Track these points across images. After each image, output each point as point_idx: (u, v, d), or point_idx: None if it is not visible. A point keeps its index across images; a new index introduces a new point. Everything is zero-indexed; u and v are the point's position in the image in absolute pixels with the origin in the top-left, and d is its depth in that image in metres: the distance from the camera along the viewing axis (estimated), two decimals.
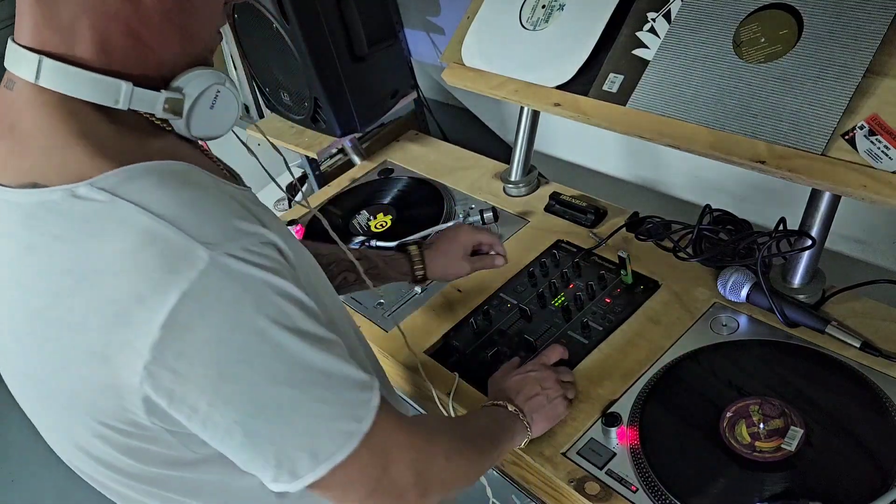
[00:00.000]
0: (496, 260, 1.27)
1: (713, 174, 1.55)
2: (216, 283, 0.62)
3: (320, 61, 1.60)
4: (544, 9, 1.35)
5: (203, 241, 0.62)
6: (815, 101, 0.99)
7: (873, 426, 0.94)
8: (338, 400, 0.70)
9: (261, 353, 0.65)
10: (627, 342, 1.16)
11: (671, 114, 1.12)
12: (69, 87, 0.67)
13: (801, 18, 1.02)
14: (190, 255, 0.62)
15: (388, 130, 1.98)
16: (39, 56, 0.66)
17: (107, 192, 0.63)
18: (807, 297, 1.12)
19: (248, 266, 0.64)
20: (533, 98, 1.32)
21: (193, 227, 0.63)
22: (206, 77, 0.73)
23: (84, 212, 0.63)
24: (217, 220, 0.65)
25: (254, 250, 0.65)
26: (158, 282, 0.61)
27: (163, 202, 0.63)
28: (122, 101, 0.69)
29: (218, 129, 0.77)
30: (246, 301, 0.64)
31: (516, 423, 1.00)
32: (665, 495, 0.92)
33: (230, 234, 0.64)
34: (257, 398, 0.66)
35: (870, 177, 0.93)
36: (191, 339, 0.62)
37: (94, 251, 0.63)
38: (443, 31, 1.84)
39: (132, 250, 0.62)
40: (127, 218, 0.63)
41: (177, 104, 0.72)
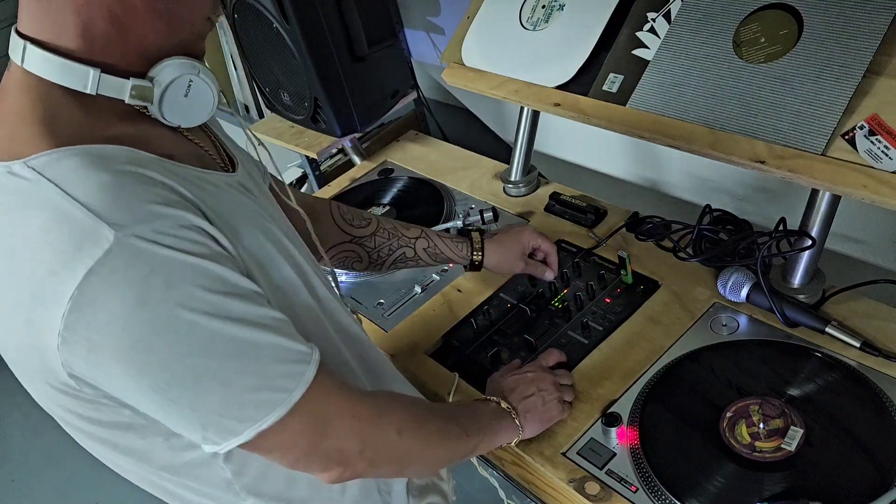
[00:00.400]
0: (546, 273, 1.28)
1: (713, 174, 1.55)
2: (122, 262, 0.65)
3: (320, 61, 1.60)
4: (544, 9, 1.35)
5: (110, 221, 0.65)
6: (815, 101, 0.99)
7: (873, 426, 0.94)
8: (263, 371, 0.72)
9: (172, 327, 0.67)
10: (627, 342, 1.16)
11: (671, 114, 1.12)
12: (45, 72, 0.72)
13: (801, 18, 1.02)
14: (95, 235, 0.65)
15: (388, 130, 1.98)
16: (25, 42, 0.72)
17: (35, 171, 0.68)
18: (807, 297, 1.12)
19: (157, 247, 0.66)
20: (533, 98, 1.32)
21: (103, 208, 0.66)
22: (178, 66, 0.76)
23: (14, 188, 0.68)
24: (129, 202, 0.67)
25: (168, 232, 0.67)
26: (67, 259, 0.65)
27: (80, 184, 0.67)
28: (90, 87, 0.72)
29: (195, 116, 0.80)
30: (154, 281, 0.66)
31: (505, 419, 1.00)
32: (665, 495, 0.92)
33: (140, 217, 0.67)
34: (172, 368, 0.69)
35: (870, 177, 0.93)
36: (99, 311, 0.65)
37: (17, 226, 0.68)
38: (443, 31, 1.84)
39: (46, 228, 0.66)
40: (45, 197, 0.67)
41: (145, 91, 0.75)
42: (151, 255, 0.66)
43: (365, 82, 1.69)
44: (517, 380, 1.06)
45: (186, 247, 0.68)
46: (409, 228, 1.22)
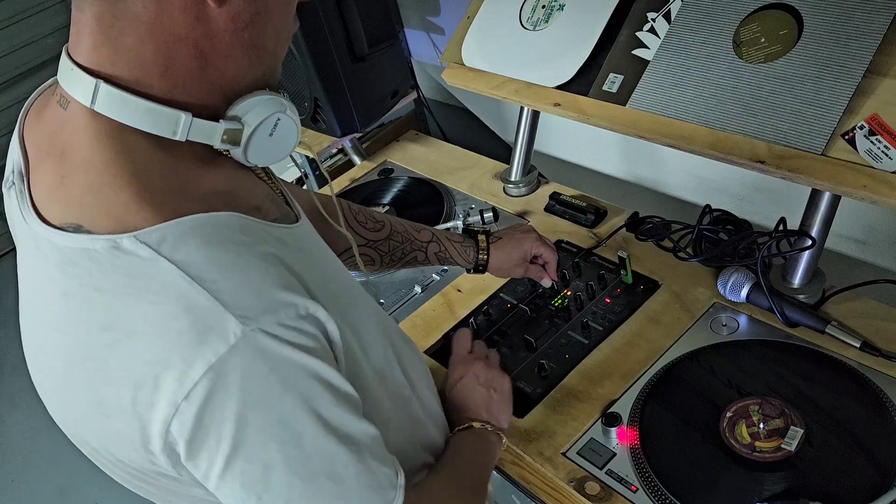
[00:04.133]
0: (544, 280, 1.27)
1: (713, 174, 1.55)
2: (245, 360, 0.61)
3: (320, 61, 1.60)
4: (544, 9, 1.35)
5: (238, 313, 0.60)
6: (815, 101, 0.99)
7: (873, 426, 0.94)
8: (356, 498, 0.68)
9: (279, 438, 0.63)
10: (627, 342, 1.16)
11: (671, 114, 1.13)
12: (126, 116, 0.64)
13: (801, 18, 1.02)
14: (221, 328, 0.60)
15: (388, 130, 1.98)
16: (97, 80, 0.63)
17: (150, 249, 0.61)
18: (807, 297, 1.12)
19: (280, 345, 0.62)
20: (533, 98, 1.32)
21: (230, 295, 0.61)
22: (266, 105, 0.70)
23: (126, 267, 0.61)
24: (256, 288, 0.63)
25: (290, 325, 0.63)
26: (187, 352, 0.60)
27: (204, 265, 0.61)
28: (180, 133, 0.66)
29: (276, 155, 0.73)
30: (273, 380, 0.62)
31: (490, 436, 0.99)
32: (665, 495, 0.92)
33: (267, 306, 0.62)
34: (267, 483, 0.64)
35: (870, 177, 0.93)
36: (210, 412, 0.61)
37: (132, 310, 0.62)
38: (443, 31, 1.84)
39: (168, 315, 0.61)
40: (167, 280, 0.61)
41: (235, 134, 0.69)
42: (273, 353, 0.61)
43: (365, 82, 1.69)
44: (460, 391, 1.04)
45: (304, 343, 0.63)
46: (419, 231, 1.20)
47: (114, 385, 0.63)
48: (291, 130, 0.72)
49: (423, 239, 1.19)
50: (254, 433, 0.62)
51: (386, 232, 1.17)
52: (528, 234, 1.26)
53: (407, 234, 1.19)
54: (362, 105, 1.71)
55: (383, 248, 1.16)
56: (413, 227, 1.20)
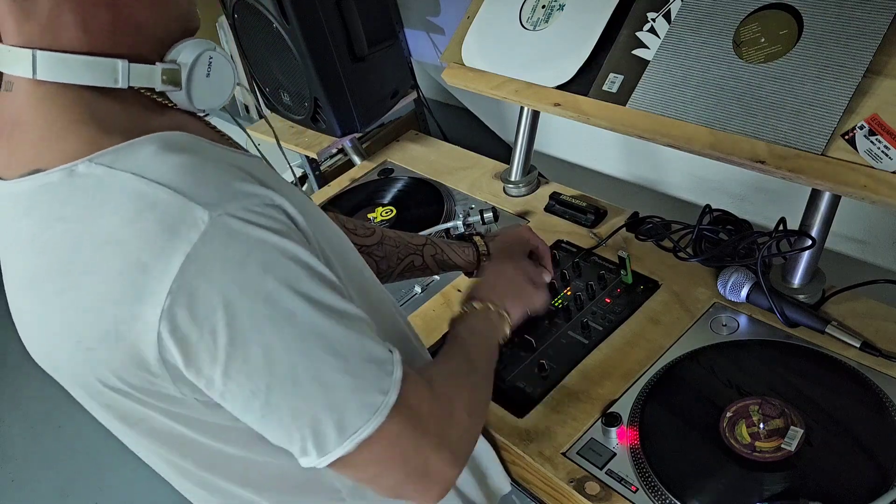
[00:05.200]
0: (545, 275, 1.25)
1: (713, 174, 1.55)
2: (219, 243, 0.61)
3: (320, 61, 1.60)
4: (544, 9, 1.35)
5: (202, 202, 0.61)
6: (815, 101, 0.99)
7: (873, 426, 0.94)
8: (359, 371, 0.68)
9: (271, 318, 0.63)
10: (627, 342, 1.16)
11: (671, 114, 1.13)
12: (67, 75, 0.66)
13: (801, 18, 1.02)
14: (189, 217, 0.61)
15: (388, 130, 1.98)
16: (32, 50, 0.66)
17: (104, 167, 0.63)
18: (807, 297, 1.12)
19: (251, 227, 0.62)
20: (533, 98, 1.32)
21: (191, 188, 0.62)
22: (195, 45, 0.73)
23: (83, 187, 0.63)
24: (216, 181, 0.64)
25: (256, 210, 0.63)
26: (161, 247, 0.60)
27: (160, 169, 0.63)
28: (120, 80, 0.68)
29: (218, 97, 0.76)
30: (252, 262, 0.62)
31: (491, 314, 0.98)
32: (665, 495, 0.92)
33: (230, 195, 0.63)
34: (271, 368, 0.64)
35: (870, 177, 0.93)
36: (198, 305, 0.61)
37: (95, 225, 0.62)
38: (443, 31, 1.84)
39: (131, 218, 0.61)
40: (124, 187, 0.62)
41: (174, 74, 0.71)
42: (246, 235, 0.62)
43: (365, 82, 1.69)
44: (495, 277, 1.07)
45: (276, 226, 0.64)
46: (413, 237, 1.20)
47: (93, 311, 0.64)
48: (226, 68, 0.75)
49: (418, 243, 1.19)
50: (246, 317, 0.62)
51: (377, 237, 1.16)
52: (523, 229, 1.27)
53: (400, 238, 1.18)
54: (362, 105, 1.71)
55: (378, 253, 1.15)
56: (406, 234, 1.20)
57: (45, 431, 2.73)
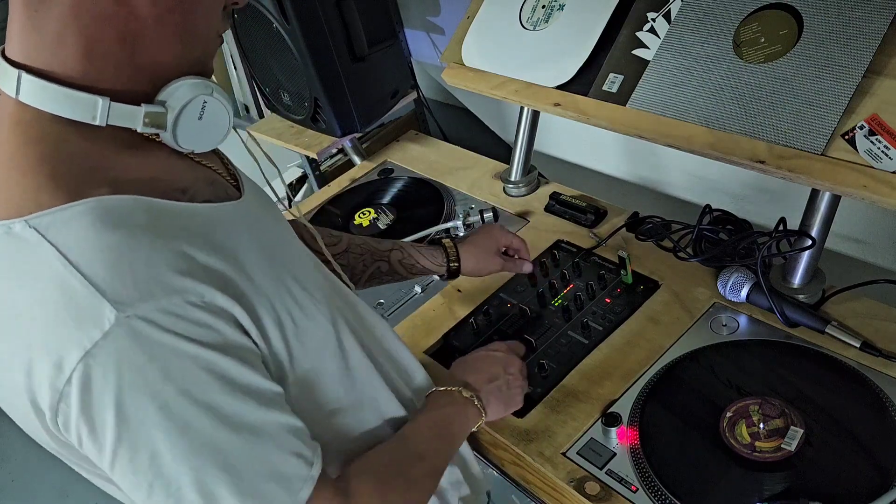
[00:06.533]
0: (523, 266, 1.27)
1: (713, 174, 1.55)
2: (121, 345, 0.60)
3: (320, 61, 1.60)
4: (544, 9, 1.35)
5: (112, 299, 0.60)
6: (815, 101, 0.99)
7: (873, 426, 0.94)
8: (253, 490, 0.66)
9: (163, 426, 0.62)
10: (627, 342, 1.16)
11: (671, 114, 1.12)
12: (45, 104, 0.65)
13: (801, 18, 1.02)
14: (96, 314, 0.60)
15: (388, 130, 1.98)
16: (19, 71, 0.65)
17: (37, 233, 0.61)
18: (807, 297, 1.12)
19: (160, 332, 0.61)
20: (533, 98, 1.32)
21: (106, 281, 0.60)
22: (190, 88, 0.70)
23: (12, 251, 0.62)
24: (137, 274, 0.61)
25: (174, 312, 0.61)
26: (64, 337, 0.60)
27: (84, 250, 0.61)
28: (98, 118, 0.66)
29: (209, 140, 0.73)
30: (152, 369, 0.61)
31: (468, 409, 0.96)
32: (665, 495, 0.92)
33: (148, 292, 0.61)
34: (157, 471, 0.63)
35: (870, 177, 0.93)
36: (91, 400, 0.61)
37: (15, 294, 0.63)
38: (443, 31, 1.84)
39: (42, 300, 0.61)
40: (45, 264, 0.61)
41: (159, 118, 0.68)
42: (152, 341, 0.60)
43: (365, 82, 1.69)
44: (484, 358, 1.04)
45: (191, 332, 0.62)
46: (381, 242, 1.18)
47: (7, 370, 0.64)
48: (221, 113, 0.72)
49: (385, 248, 1.18)
50: (135, 421, 0.61)
51: (344, 245, 1.15)
52: (493, 227, 1.28)
53: (366, 244, 1.17)
54: (362, 105, 1.71)
55: (343, 261, 1.13)
56: (374, 240, 1.19)
57: None
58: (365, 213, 1.62)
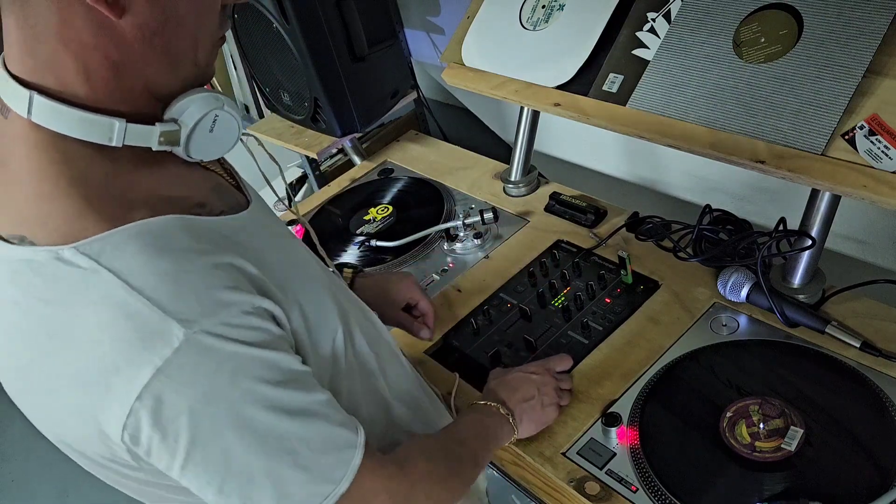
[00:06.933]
0: (422, 331, 1.21)
1: (713, 174, 1.55)
2: (191, 361, 0.63)
3: (320, 61, 1.60)
4: (544, 9, 1.35)
5: (179, 317, 0.63)
6: (815, 101, 0.99)
7: (873, 426, 0.94)
8: (312, 464, 0.70)
9: (233, 425, 0.66)
10: (627, 342, 1.16)
11: (671, 114, 1.12)
12: (61, 126, 0.66)
13: (801, 18, 1.02)
14: (165, 333, 0.62)
15: (388, 130, 1.98)
16: (31, 92, 0.65)
17: (90, 259, 0.63)
18: (807, 297, 1.12)
19: (223, 342, 0.64)
20: (533, 98, 1.32)
21: (170, 302, 0.63)
22: (201, 103, 0.71)
23: (68, 278, 0.63)
24: (195, 292, 0.64)
25: (233, 323, 0.65)
26: (133, 357, 0.62)
27: (142, 274, 0.63)
28: (115, 139, 0.67)
29: (219, 150, 0.75)
30: (220, 378, 0.64)
31: (504, 425, 1.00)
32: (665, 495, 0.92)
33: (208, 309, 0.64)
34: (228, 466, 0.67)
35: (870, 177, 0.93)
36: (164, 411, 0.63)
37: (75, 320, 0.64)
38: (443, 31, 1.84)
39: (109, 323, 0.63)
40: (107, 289, 0.63)
41: (173, 135, 0.70)
42: (217, 351, 0.64)
43: (365, 82, 1.69)
44: (520, 379, 1.05)
45: (249, 337, 0.66)
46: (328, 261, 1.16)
47: (64, 392, 0.66)
48: (231, 125, 0.74)
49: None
50: (208, 423, 0.65)
51: None
52: (404, 278, 1.23)
53: None
54: (362, 105, 1.71)
55: None
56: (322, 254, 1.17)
57: None
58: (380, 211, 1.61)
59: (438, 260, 1.45)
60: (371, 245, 1.50)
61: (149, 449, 0.65)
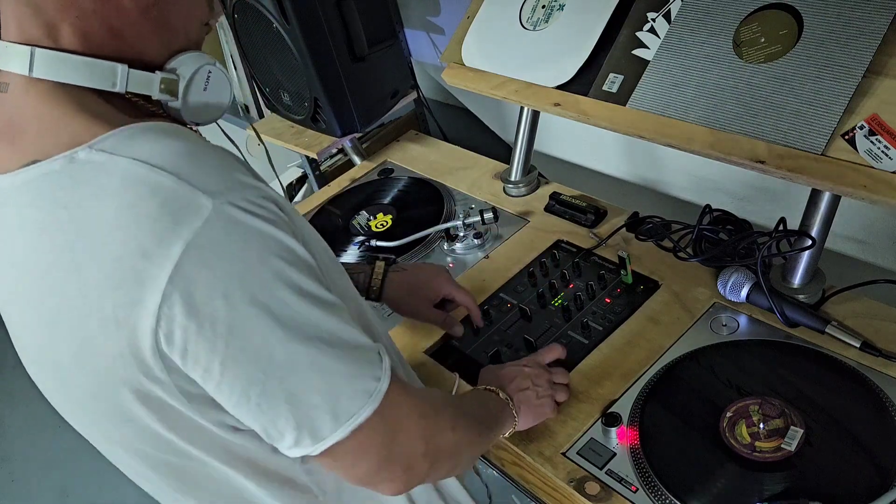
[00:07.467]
0: (455, 328, 1.20)
1: (713, 174, 1.55)
2: (221, 232, 0.62)
3: (320, 61, 1.60)
4: (544, 9, 1.35)
5: (205, 189, 0.62)
6: (815, 101, 0.99)
7: (873, 426, 0.94)
8: (352, 359, 0.69)
9: (269, 307, 0.64)
10: (627, 342, 1.16)
11: (671, 114, 1.13)
12: (64, 74, 0.67)
13: (801, 18, 1.02)
14: (193, 204, 0.61)
15: (388, 130, 1.98)
16: (31, 48, 0.66)
17: (105, 153, 0.63)
18: (807, 297, 1.12)
19: (251, 217, 0.63)
20: (533, 98, 1.32)
21: (194, 176, 0.62)
22: (196, 58, 0.74)
23: (84, 175, 0.63)
24: (218, 170, 0.64)
25: (256, 202, 0.64)
26: (162, 234, 0.61)
27: (162, 154, 0.63)
28: (118, 84, 0.69)
29: (213, 111, 0.77)
30: (251, 253, 0.63)
31: (505, 410, 0.98)
32: (665, 495, 0.92)
33: (232, 185, 0.64)
34: (270, 355, 0.64)
35: (870, 177, 0.93)
36: (198, 293, 0.61)
37: (96, 211, 0.62)
38: (443, 31, 1.84)
39: (133, 203, 0.61)
40: (126, 173, 0.62)
41: (172, 84, 0.72)
42: (246, 225, 0.63)
43: (365, 82, 1.69)
44: (514, 371, 1.05)
45: (272, 218, 0.65)
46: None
47: (94, 297, 0.63)
48: (223, 84, 0.76)
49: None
50: (245, 307, 0.63)
51: None
52: (439, 272, 1.20)
53: None
54: (362, 105, 1.71)
55: None
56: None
57: (45, 431, 2.73)
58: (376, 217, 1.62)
59: (438, 260, 1.45)
60: (371, 245, 1.50)
61: (184, 348, 0.62)
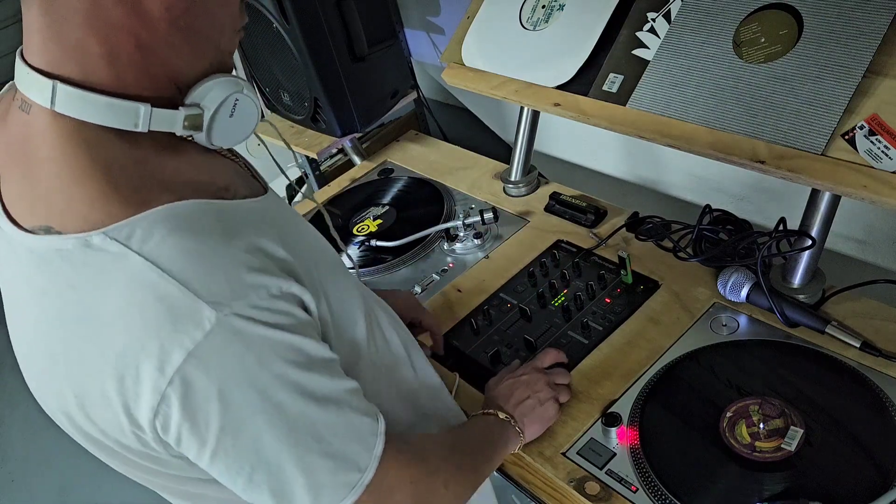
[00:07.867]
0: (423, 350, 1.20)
1: (713, 174, 1.55)
2: (221, 343, 0.63)
3: (320, 61, 1.60)
4: (544, 9, 1.35)
5: (210, 300, 0.63)
6: (815, 101, 0.99)
7: (873, 426, 0.94)
8: (340, 452, 0.71)
9: (263, 409, 0.66)
10: (627, 342, 1.16)
11: (671, 114, 1.12)
12: (86, 114, 0.65)
13: (801, 18, 1.02)
14: (196, 316, 0.62)
15: (388, 130, 1.98)
16: (53, 81, 0.65)
17: (119, 244, 0.63)
18: (807, 297, 1.12)
19: (253, 325, 0.64)
20: (533, 98, 1.32)
21: (201, 284, 0.63)
22: (222, 87, 0.71)
23: (97, 263, 0.63)
24: (225, 273, 0.65)
25: (261, 306, 0.65)
26: (165, 340, 0.62)
27: (172, 256, 0.63)
28: (141, 124, 0.67)
29: (239, 136, 0.75)
30: (250, 358, 0.64)
31: (508, 429, 1.00)
32: (665, 495, 0.92)
33: (239, 290, 0.64)
34: (258, 452, 0.67)
35: (870, 177, 0.93)
36: (194, 396, 0.63)
37: (105, 303, 0.63)
38: (443, 31, 1.84)
39: (140, 304, 0.62)
40: (137, 273, 0.63)
41: (196, 119, 0.70)
42: (247, 335, 0.64)
43: (365, 82, 1.69)
44: (511, 385, 1.06)
45: (277, 320, 0.66)
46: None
47: (95, 377, 0.65)
48: (251, 109, 0.74)
49: None
50: (239, 408, 0.65)
51: None
52: (406, 298, 1.23)
53: None
54: (362, 105, 1.71)
55: None
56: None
57: (45, 431, 2.73)
58: (376, 217, 1.62)
59: (438, 260, 1.45)
60: (371, 245, 1.50)
61: (178, 437, 0.65)
